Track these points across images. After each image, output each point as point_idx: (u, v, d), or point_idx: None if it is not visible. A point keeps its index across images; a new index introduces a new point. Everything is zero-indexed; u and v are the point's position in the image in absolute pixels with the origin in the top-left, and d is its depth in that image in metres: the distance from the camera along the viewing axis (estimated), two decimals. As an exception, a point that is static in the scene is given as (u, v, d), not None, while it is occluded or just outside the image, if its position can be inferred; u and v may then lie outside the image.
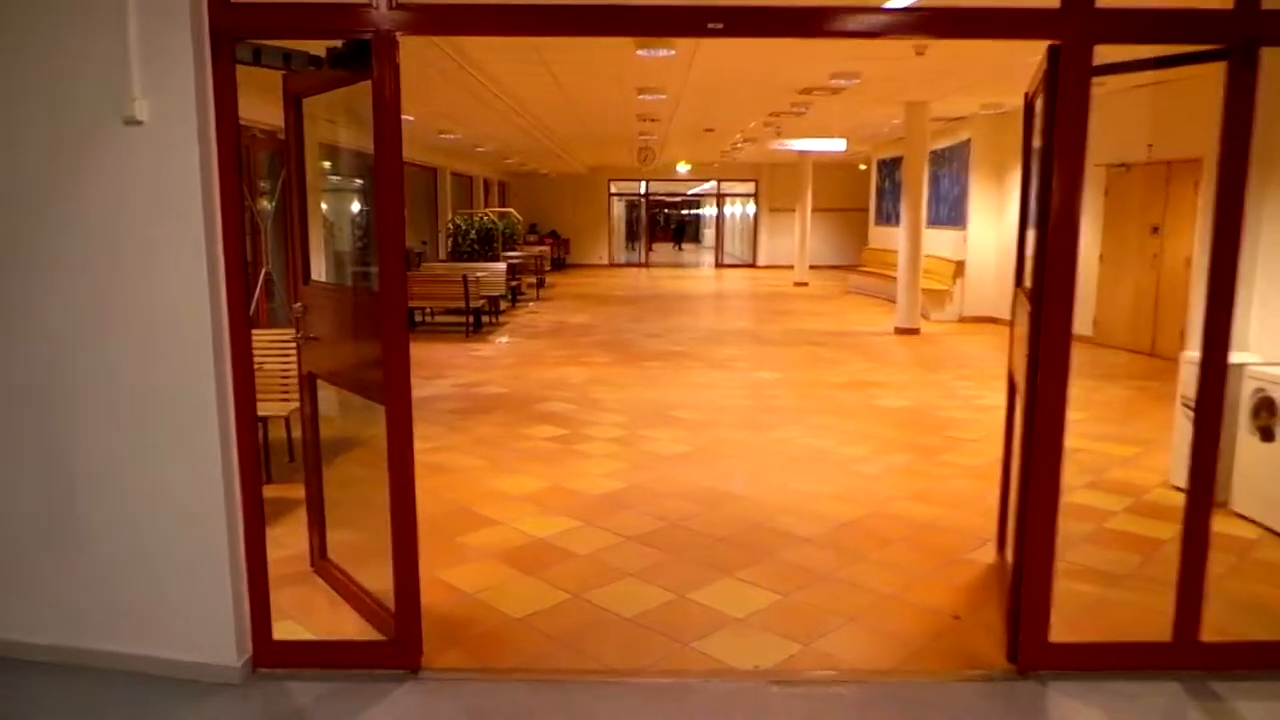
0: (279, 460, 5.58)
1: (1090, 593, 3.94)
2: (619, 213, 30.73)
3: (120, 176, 2.94)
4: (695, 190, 34.21)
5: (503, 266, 14.15)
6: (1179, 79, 8.97)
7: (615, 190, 27.86)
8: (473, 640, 3.49)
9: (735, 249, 30.39)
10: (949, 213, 14.97)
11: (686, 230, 44.27)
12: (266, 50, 3.43)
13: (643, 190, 29.10)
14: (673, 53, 8.19)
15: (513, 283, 15.07)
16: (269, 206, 9.19)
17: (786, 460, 6.07)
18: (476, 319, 12.59)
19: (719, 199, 29.69)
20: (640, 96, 11.24)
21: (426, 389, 8.30)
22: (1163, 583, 3.33)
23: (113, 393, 3.06)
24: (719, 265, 28.51)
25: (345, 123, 7.13)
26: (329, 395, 3.97)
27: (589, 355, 10.46)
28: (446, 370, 9.40)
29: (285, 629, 3.41)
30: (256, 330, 4.72)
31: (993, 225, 13.81)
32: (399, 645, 3.22)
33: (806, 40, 3.50)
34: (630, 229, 33.13)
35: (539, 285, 18.31)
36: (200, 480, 3.06)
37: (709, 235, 36.57)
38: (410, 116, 12.01)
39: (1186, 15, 2.94)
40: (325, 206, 10.04)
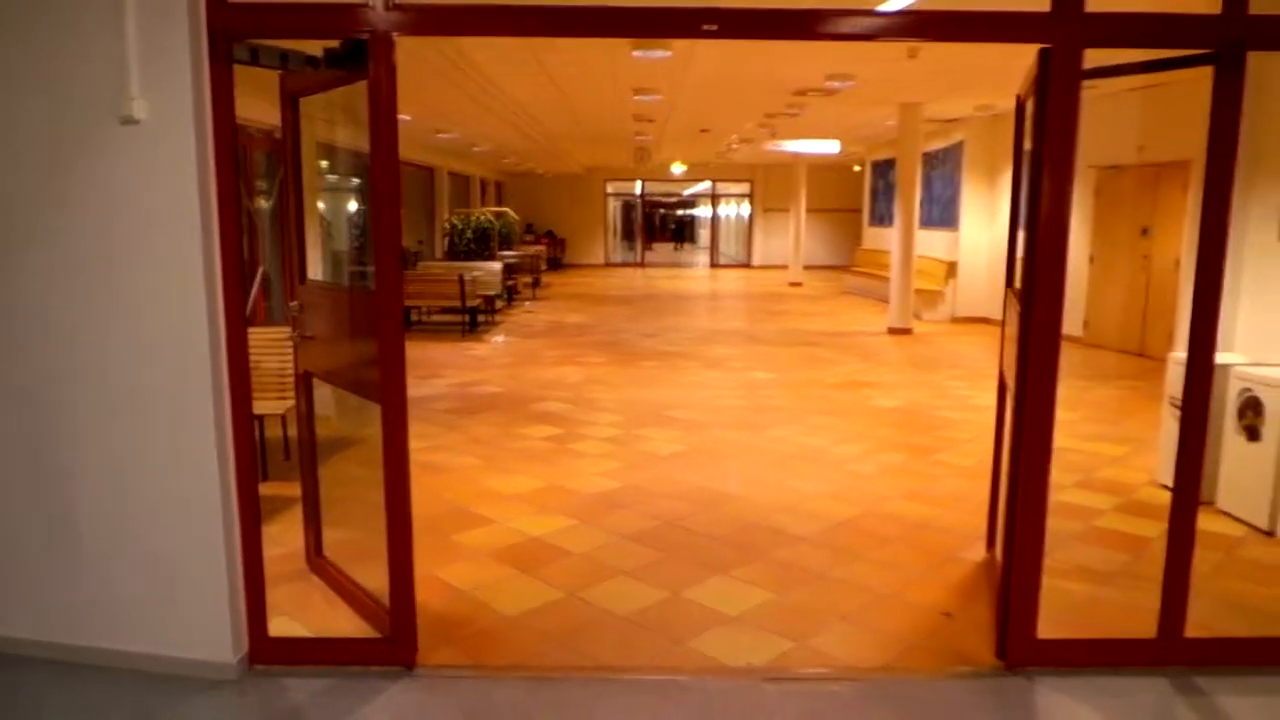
0: (275, 458, 5.60)
1: (1078, 590, 3.98)
2: (615, 213, 30.76)
3: (117, 176, 2.95)
4: (691, 190, 34.24)
5: (499, 266, 14.17)
6: (1169, 83, 9.02)
7: (611, 190, 27.89)
8: (468, 638, 3.51)
9: (730, 249, 30.42)
10: (942, 214, 15.03)
11: (683, 231, 44.42)
12: (264, 50, 3.45)
13: (639, 190, 29.14)
14: (668, 54, 8.22)
15: (509, 282, 15.07)
16: (266, 205, 9.19)
17: (781, 459, 6.10)
18: (472, 318, 12.59)
19: (714, 199, 29.72)
20: (636, 97, 11.26)
21: (422, 388, 8.32)
22: (1149, 580, 3.37)
23: (109, 390, 3.08)
24: (714, 265, 28.55)
25: (343, 122, 7.15)
26: (325, 394, 3.99)
27: (585, 355, 10.48)
28: (442, 369, 9.41)
29: (281, 626, 3.43)
30: (253, 329, 4.74)
31: (985, 226, 13.87)
32: (394, 643, 3.24)
33: (801, 42, 3.52)
34: (627, 229, 33.16)
35: (535, 285, 18.30)
36: (196, 478, 3.07)
37: (704, 236, 36.59)
38: (407, 116, 12.02)
39: (1175, 20, 2.98)
40: (322, 206, 10.04)
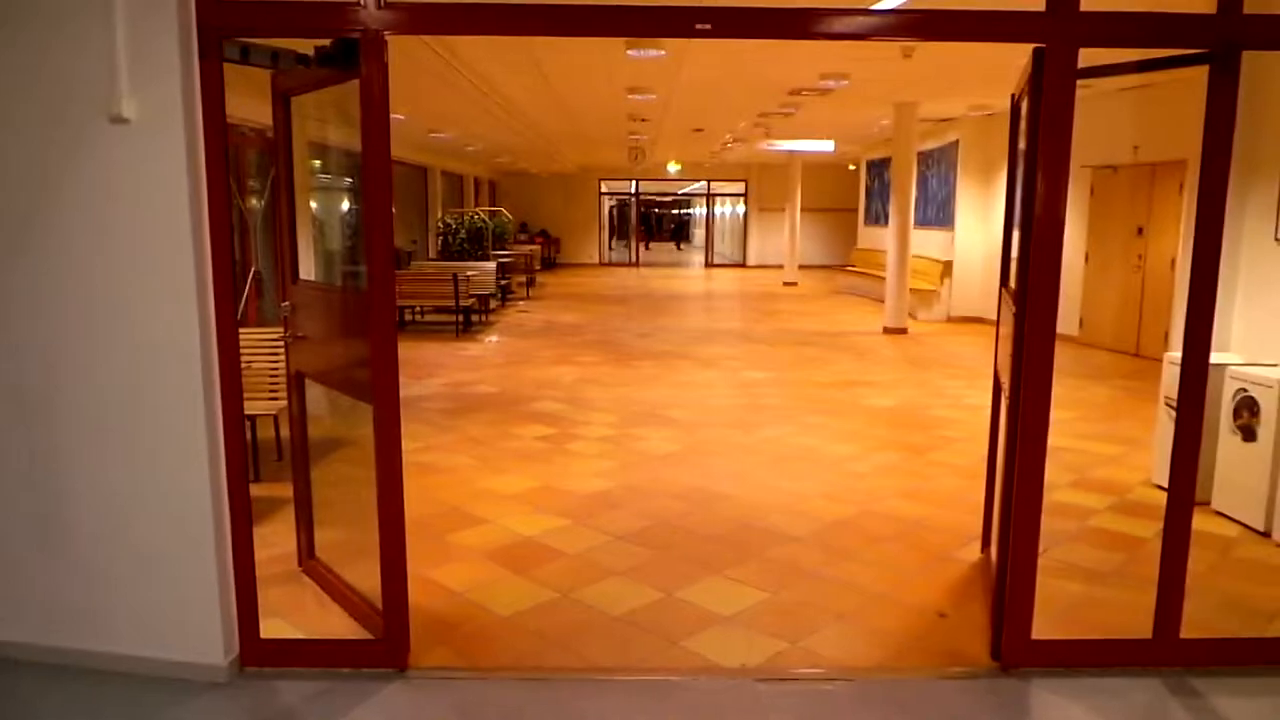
0: (267, 459, 5.57)
1: (1073, 590, 3.98)
2: (610, 211, 30.76)
3: (107, 175, 2.93)
4: (685, 190, 34.23)
5: (493, 265, 14.15)
6: (1165, 82, 9.04)
7: (606, 189, 27.88)
8: (461, 639, 3.49)
9: (725, 249, 30.44)
10: (937, 213, 15.05)
11: (678, 231, 44.54)
12: (254, 49, 3.43)
13: (633, 190, 29.12)
14: (663, 53, 8.21)
15: (503, 282, 15.05)
16: (258, 205, 9.16)
17: (776, 459, 6.09)
18: (466, 318, 12.57)
19: (709, 199, 29.73)
20: (630, 96, 11.25)
21: (415, 388, 8.30)
22: (1144, 580, 3.37)
23: (99, 391, 3.05)
24: (709, 265, 28.54)
25: (335, 121, 7.12)
26: (317, 394, 3.97)
27: (579, 354, 10.47)
28: (436, 369, 9.39)
29: (273, 628, 3.40)
30: (245, 329, 4.72)
31: (980, 226, 13.89)
32: (387, 644, 3.22)
33: (796, 41, 3.51)
34: (621, 228, 33.17)
35: (529, 284, 18.27)
36: (188, 479, 3.05)
37: (699, 235, 36.61)
38: (400, 115, 11.99)
39: (1169, 19, 2.97)
40: (314, 205, 10.01)
